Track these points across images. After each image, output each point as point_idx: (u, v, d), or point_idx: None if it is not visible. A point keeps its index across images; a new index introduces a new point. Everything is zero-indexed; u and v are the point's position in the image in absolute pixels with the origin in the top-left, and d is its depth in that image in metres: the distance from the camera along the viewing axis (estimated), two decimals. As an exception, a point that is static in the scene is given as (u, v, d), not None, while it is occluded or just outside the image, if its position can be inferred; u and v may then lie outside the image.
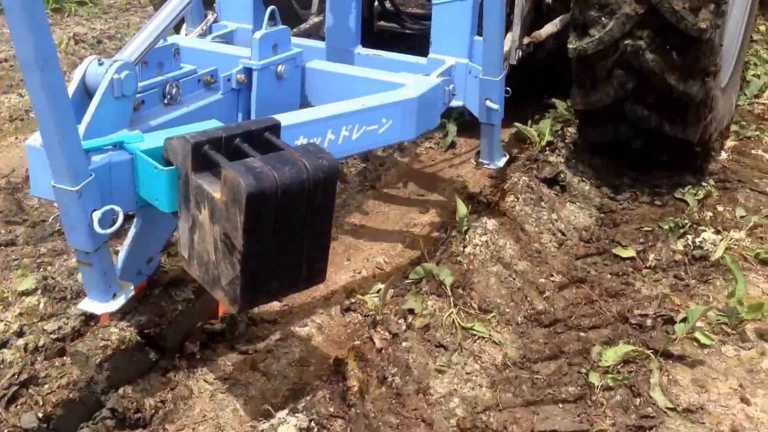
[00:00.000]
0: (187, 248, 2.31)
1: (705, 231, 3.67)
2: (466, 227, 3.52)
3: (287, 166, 2.12)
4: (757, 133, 4.70)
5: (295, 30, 4.14)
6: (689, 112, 3.81)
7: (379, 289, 3.30)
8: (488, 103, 3.53)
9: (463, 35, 3.53)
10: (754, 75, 5.57)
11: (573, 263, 3.57)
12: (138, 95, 2.59)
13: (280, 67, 3.18)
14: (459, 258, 3.36)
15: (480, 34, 3.51)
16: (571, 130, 4.53)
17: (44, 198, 2.48)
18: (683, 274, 3.40)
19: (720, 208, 3.89)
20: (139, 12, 7.30)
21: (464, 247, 3.43)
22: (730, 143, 4.62)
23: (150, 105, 2.73)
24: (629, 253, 3.56)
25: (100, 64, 2.46)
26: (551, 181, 4.05)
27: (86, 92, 2.48)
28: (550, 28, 4.33)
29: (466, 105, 3.66)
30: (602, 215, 3.99)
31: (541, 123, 4.42)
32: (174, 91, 2.81)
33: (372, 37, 4.29)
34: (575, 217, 3.91)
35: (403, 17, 4.81)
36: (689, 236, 3.65)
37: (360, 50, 3.79)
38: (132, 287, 2.51)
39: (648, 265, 3.49)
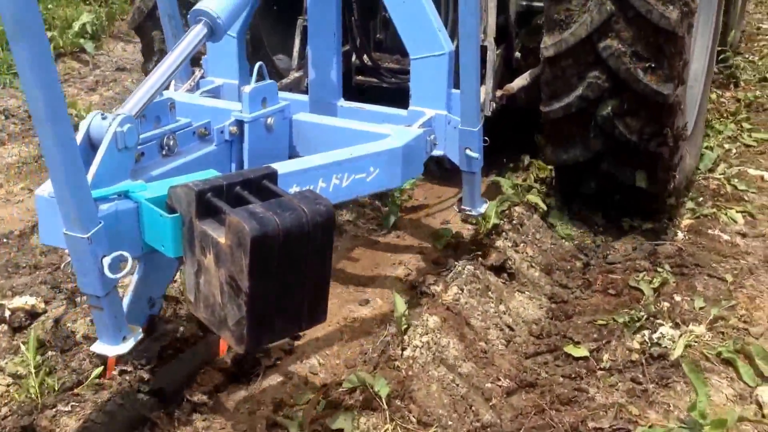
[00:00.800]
0: (193, 291, 2.40)
1: (663, 325, 3.42)
2: (405, 325, 3.22)
3: (287, 211, 2.23)
4: (714, 210, 4.50)
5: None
6: (658, 167, 4.03)
7: (309, 400, 2.96)
8: (468, 152, 3.66)
9: (441, 88, 3.65)
10: (707, 147, 5.42)
11: (522, 363, 3.28)
12: (138, 147, 2.72)
13: (269, 120, 3.34)
14: (397, 363, 3.05)
15: (456, 87, 3.64)
16: (519, 210, 4.29)
17: (53, 246, 2.73)
18: (641, 376, 3.13)
19: (678, 298, 3.65)
20: (77, 83, 6.98)
21: (403, 349, 3.12)
22: (686, 221, 4.41)
23: (149, 156, 2.87)
24: (582, 352, 3.29)
25: (104, 118, 2.60)
26: (498, 269, 3.79)
27: (90, 145, 2.61)
28: (520, 82, 4.47)
29: (446, 154, 3.76)
30: (553, 305, 3.72)
31: (487, 205, 4.16)
32: (171, 143, 2.96)
33: (350, 91, 4.41)
34: (524, 309, 3.64)
35: (382, 72, 4.92)
36: (646, 331, 3.39)
37: (342, 103, 3.93)
38: (140, 330, 2.60)
39: (602, 367, 3.21)
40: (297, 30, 4.70)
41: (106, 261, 2.33)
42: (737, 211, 4.49)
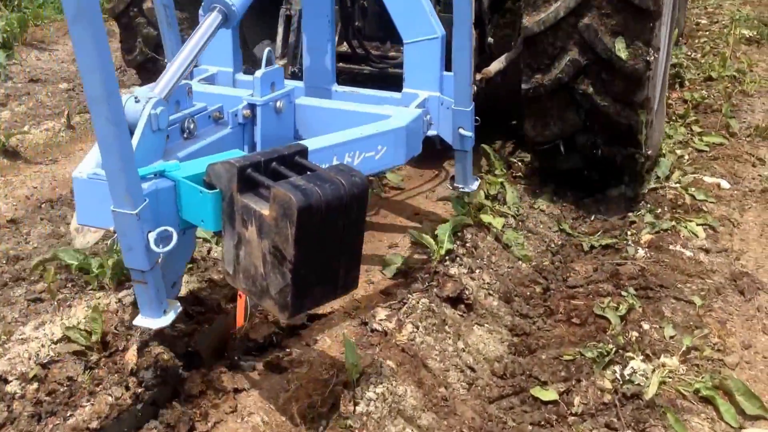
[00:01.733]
0: (232, 264, 2.49)
1: (633, 358, 3.17)
2: (357, 375, 2.89)
3: (327, 183, 2.34)
4: (673, 223, 4.29)
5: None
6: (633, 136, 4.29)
7: (252, 469, 2.62)
8: (461, 131, 3.80)
9: (434, 70, 3.80)
10: (660, 154, 5.23)
11: (486, 410, 2.99)
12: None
13: (278, 103, 3.48)
14: (349, 421, 2.72)
15: (447, 69, 3.80)
16: (471, 231, 4.00)
17: (90, 226, 2.94)
18: (615, 421, 2.87)
19: (646, 326, 3.41)
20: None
21: (355, 404, 2.79)
22: (646, 236, 4.19)
23: (173, 139, 2.99)
24: (551, 395, 3.02)
25: (137, 101, 2.71)
26: (455, 300, 3.49)
27: None
28: (497, 65, 4.63)
29: (439, 134, 3.87)
30: (515, 339, 3.45)
31: (439, 228, 3.86)
32: (192, 126, 3.11)
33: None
34: (485, 345, 3.35)
35: (364, 58, 5.02)
36: (617, 367, 3.14)
37: (336, 87, 4.07)
38: (179, 304, 2.67)
39: (574, 412, 2.94)
40: (280, 19, 4.75)
41: (152, 236, 2.42)
42: (698, 224, 4.28)
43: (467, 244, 3.91)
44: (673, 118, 5.98)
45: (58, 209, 4.57)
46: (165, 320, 2.60)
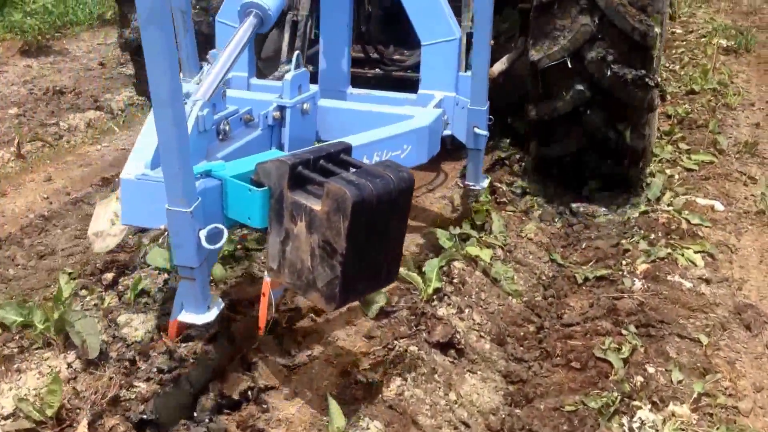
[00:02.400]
0: (276, 259, 2.55)
1: (641, 408, 2.92)
2: (342, 440, 2.60)
3: (377, 178, 2.39)
4: (669, 251, 4.06)
5: (269, 77, 4.62)
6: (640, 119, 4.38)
7: None
8: (476, 130, 3.87)
9: (451, 71, 3.88)
10: (650, 173, 5.02)
11: (484, 475, 2.71)
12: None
13: (305, 105, 3.51)
14: (335, 498, 2.43)
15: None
16: (459, 266, 3.73)
17: (134, 225, 3.14)
18: (627, 483, 2.62)
19: (651, 369, 3.16)
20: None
21: (341, 477, 2.50)
22: (642, 266, 3.95)
23: (210, 140, 3.06)
24: (555, 454, 2.75)
25: (184, 103, 2.67)
26: (445, 346, 3.21)
27: None
28: (500, 66, 4.71)
29: (454, 133, 3.93)
30: (511, 387, 3.18)
31: (426, 265, 3.58)
32: (227, 128, 3.17)
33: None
34: (479, 396, 3.08)
35: (373, 62, 5.11)
36: (623, 418, 2.89)
37: (351, 90, 4.14)
38: (221, 300, 2.75)
39: (581, 473, 2.68)
40: (286, 25, 4.76)
41: (203, 233, 2.49)
42: (695, 251, 4.06)
43: (455, 280, 3.64)
44: (659, 134, 5.77)
45: (6, 250, 4.21)
46: (209, 316, 2.67)
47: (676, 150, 5.47)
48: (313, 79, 3.89)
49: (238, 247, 3.75)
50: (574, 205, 4.74)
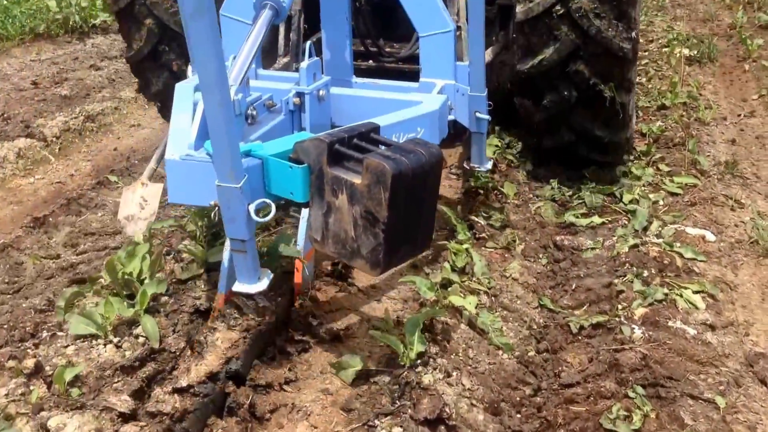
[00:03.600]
0: (320, 231, 2.74)
1: (663, 492, 2.56)
2: None
3: (410, 153, 2.60)
4: (666, 291, 3.73)
5: (270, 69, 4.72)
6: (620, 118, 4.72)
7: None
8: (478, 114, 4.16)
9: (449, 61, 4.05)
10: (632, 200, 4.70)
11: None
12: None
13: (321, 92, 3.65)
14: None
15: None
16: (442, 320, 3.33)
17: (181, 204, 3.62)
18: None
19: (668, 441, 2.80)
20: None
21: None
22: (639, 310, 3.61)
23: (241, 124, 3.19)
24: None
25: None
26: (434, 422, 2.80)
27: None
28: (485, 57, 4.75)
29: (457, 119, 4.09)
30: (512, 468, 2.78)
31: (407, 324, 3.15)
32: (254, 113, 3.29)
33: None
34: (477, 482, 2.68)
35: (383, 53, 5.33)
36: (645, 507, 2.52)
37: (356, 79, 4.33)
38: (270, 271, 2.93)
39: None
40: None
41: (252, 207, 2.69)
42: (694, 291, 3.73)
43: (439, 338, 3.24)
44: (637, 155, 5.47)
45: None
46: (260, 285, 2.86)
47: (658, 172, 5.16)
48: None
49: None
50: (557, 238, 4.40)
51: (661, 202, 4.75)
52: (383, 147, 2.68)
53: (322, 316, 3.31)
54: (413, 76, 4.34)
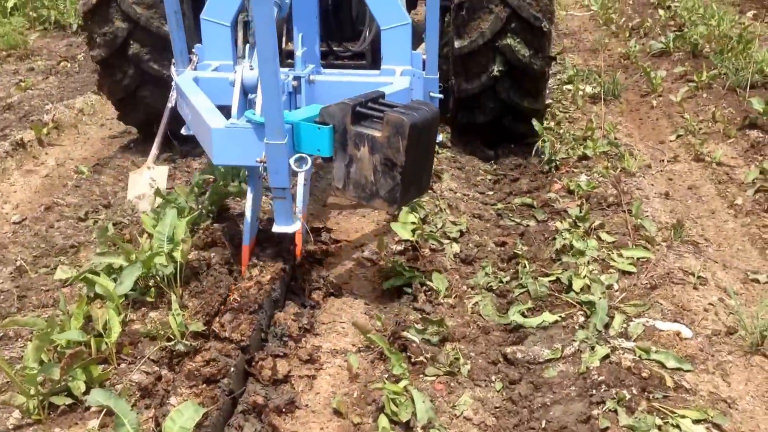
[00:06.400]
0: (342, 180, 3.49)
1: None
2: None
3: (418, 111, 3.37)
4: (659, 422, 2.94)
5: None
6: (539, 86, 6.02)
7: None
8: (432, 94, 5.07)
9: (406, 49, 4.68)
10: (583, 287, 3.94)
11: None
12: None
13: (311, 76, 4.44)
14: None
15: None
16: None
17: (226, 165, 4.44)
18: None
19: None
20: None
21: None
22: (632, 457, 2.80)
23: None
24: None
25: (252, 69, 3.90)
26: None
27: (243, 92, 3.99)
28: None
29: (413, 98, 4.43)
30: None
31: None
32: None
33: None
34: None
35: (336, 53, 6.07)
36: None
37: (324, 71, 4.91)
38: (300, 216, 3.77)
39: None
40: (239, 25, 4.87)
41: (292, 160, 3.47)
42: (693, 420, 2.97)
43: None
44: (572, 221, 4.75)
45: None
46: (295, 226, 3.69)
47: (602, 245, 4.44)
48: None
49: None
50: (508, 350, 3.56)
51: (615, 286, 4.01)
52: (396, 107, 3.40)
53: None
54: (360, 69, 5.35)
